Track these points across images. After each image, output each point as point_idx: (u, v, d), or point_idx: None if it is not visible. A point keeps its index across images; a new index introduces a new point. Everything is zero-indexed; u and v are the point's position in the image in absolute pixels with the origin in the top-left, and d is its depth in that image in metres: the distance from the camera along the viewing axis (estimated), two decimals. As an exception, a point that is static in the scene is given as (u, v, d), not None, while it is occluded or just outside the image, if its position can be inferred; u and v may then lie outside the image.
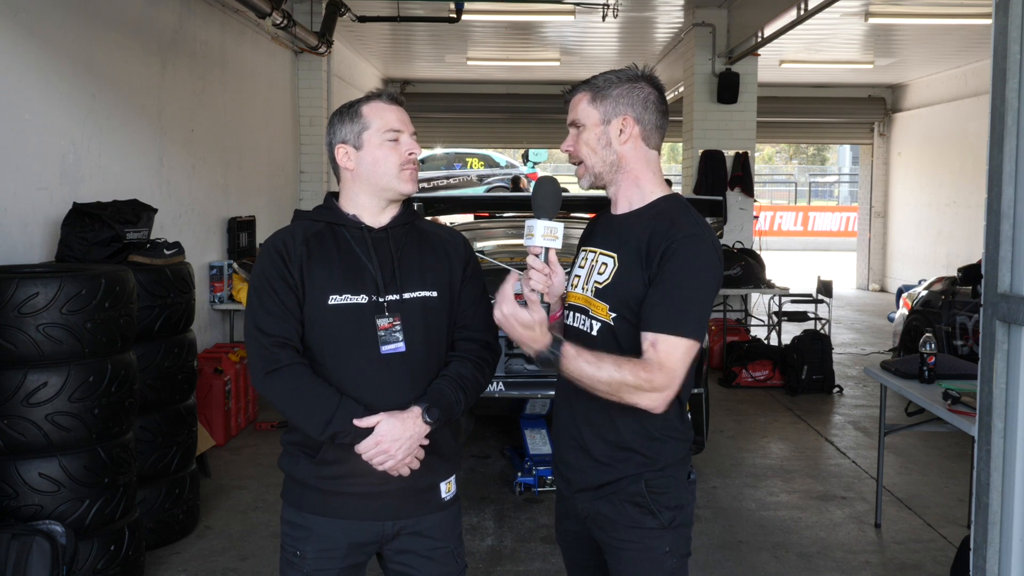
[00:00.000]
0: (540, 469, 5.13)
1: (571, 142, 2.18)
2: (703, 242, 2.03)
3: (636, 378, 1.94)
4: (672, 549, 2.12)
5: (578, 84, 2.19)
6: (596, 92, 2.13)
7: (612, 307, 2.08)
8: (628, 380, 1.94)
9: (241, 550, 4.35)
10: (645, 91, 2.14)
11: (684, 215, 2.09)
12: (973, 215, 12.71)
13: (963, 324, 6.91)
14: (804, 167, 36.24)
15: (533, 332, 1.96)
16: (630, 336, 2.04)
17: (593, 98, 2.13)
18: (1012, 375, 2.34)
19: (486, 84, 15.02)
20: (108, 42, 5.32)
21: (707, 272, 2.02)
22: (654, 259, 2.02)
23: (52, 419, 3.49)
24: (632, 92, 2.12)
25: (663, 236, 2.03)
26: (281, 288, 2.13)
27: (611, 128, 2.12)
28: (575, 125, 2.17)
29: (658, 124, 2.16)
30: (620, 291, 2.07)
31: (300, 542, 2.20)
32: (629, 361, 1.96)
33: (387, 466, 2.11)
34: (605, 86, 2.13)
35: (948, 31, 10.77)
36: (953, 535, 4.55)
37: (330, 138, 2.24)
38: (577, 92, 2.18)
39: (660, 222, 2.07)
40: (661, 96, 2.16)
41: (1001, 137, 2.32)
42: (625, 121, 2.12)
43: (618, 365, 1.95)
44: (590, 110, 2.14)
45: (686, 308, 1.99)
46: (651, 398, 1.97)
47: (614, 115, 2.12)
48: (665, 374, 1.96)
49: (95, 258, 4.34)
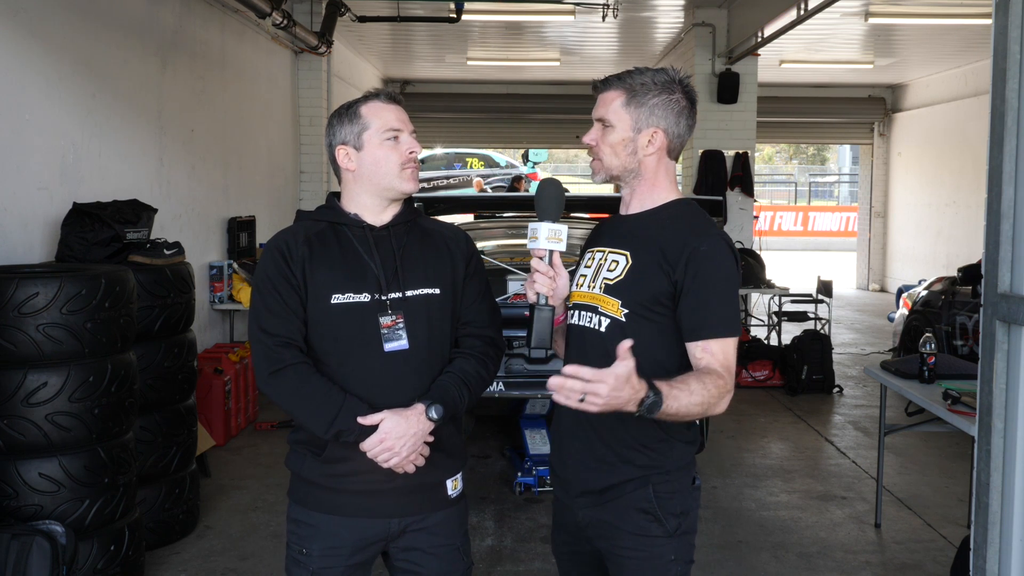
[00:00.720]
0: (540, 469, 5.13)
1: (595, 136, 2.13)
2: (723, 243, 2.04)
3: (718, 389, 1.95)
4: (677, 557, 2.09)
5: (610, 77, 2.12)
6: (632, 96, 2.07)
7: (624, 303, 2.05)
8: (714, 393, 1.94)
9: (241, 550, 4.35)
10: (681, 104, 2.09)
11: (700, 218, 2.10)
12: (973, 215, 12.71)
13: (963, 324, 6.90)
14: (804, 167, 36.24)
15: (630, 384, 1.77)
16: (641, 333, 2.01)
17: (628, 101, 2.08)
18: (1012, 375, 2.34)
19: (486, 84, 15.01)
20: (108, 42, 5.32)
21: (733, 271, 2.04)
22: (677, 264, 2.01)
23: (52, 419, 3.49)
24: (668, 104, 2.07)
25: (684, 241, 2.02)
26: (284, 288, 2.13)
27: (640, 138, 2.08)
28: (603, 122, 2.11)
29: (685, 137, 2.13)
30: (634, 288, 2.05)
31: (306, 540, 2.20)
32: (702, 375, 1.95)
33: (392, 463, 2.11)
34: (642, 92, 2.07)
35: (948, 31, 10.77)
36: (953, 535, 4.55)
37: (330, 139, 2.24)
38: (611, 88, 2.10)
39: (677, 226, 2.06)
40: (693, 107, 2.12)
41: (1001, 137, 2.32)
42: (655, 134, 2.08)
43: (701, 383, 1.93)
44: (623, 113, 2.08)
45: (725, 309, 2.01)
46: (725, 403, 1.98)
47: (646, 125, 2.07)
48: (730, 375, 1.99)
49: (95, 258, 4.34)
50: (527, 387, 4.88)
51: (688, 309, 2.01)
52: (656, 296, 2.03)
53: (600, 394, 1.73)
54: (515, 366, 4.89)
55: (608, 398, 1.74)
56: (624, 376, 1.75)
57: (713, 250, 2.01)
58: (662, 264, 2.03)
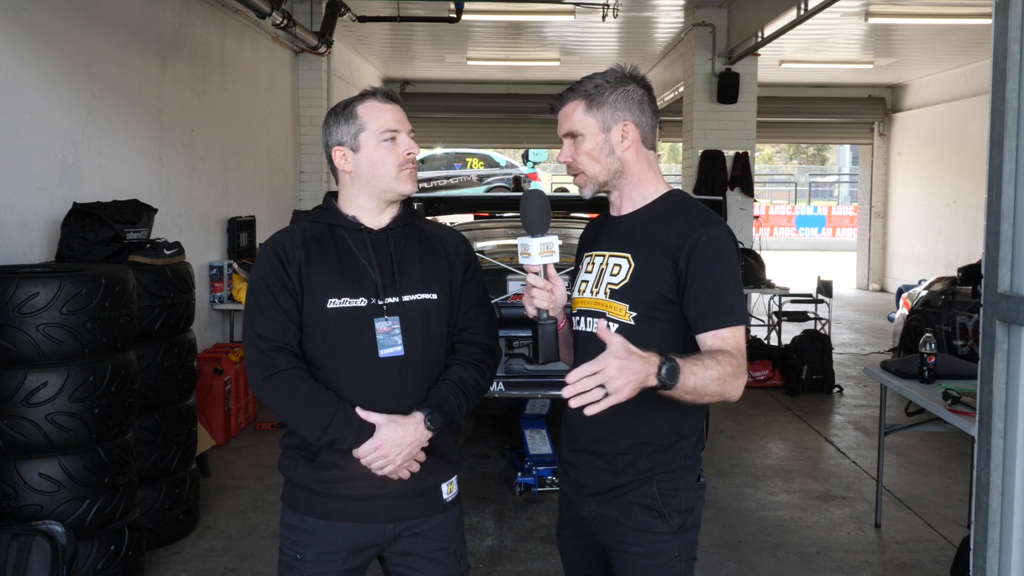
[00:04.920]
0: (540, 469, 5.13)
1: (569, 153, 2.12)
2: (722, 231, 2.04)
3: (732, 367, 1.91)
4: (681, 553, 2.09)
5: (564, 93, 2.12)
6: (590, 100, 2.08)
7: (632, 307, 2.04)
8: (728, 371, 1.90)
9: (241, 550, 4.35)
10: (638, 93, 2.10)
11: (696, 208, 2.10)
12: (973, 215, 12.70)
13: (963, 324, 6.90)
14: (804, 167, 36.25)
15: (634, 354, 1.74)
16: (652, 334, 2.00)
17: (588, 106, 2.08)
18: (1012, 375, 2.33)
19: (486, 84, 15.02)
20: (108, 42, 5.32)
21: (734, 259, 2.04)
22: (679, 256, 2.00)
23: (52, 419, 3.49)
24: (627, 96, 2.09)
25: (684, 233, 2.02)
26: (279, 292, 2.10)
27: (612, 135, 2.08)
28: (571, 135, 2.11)
29: (653, 124, 2.14)
30: (641, 290, 2.04)
31: (300, 545, 2.18)
32: (714, 354, 1.93)
33: (386, 471, 2.09)
34: (597, 93, 2.08)
35: (948, 31, 10.77)
36: (953, 535, 4.55)
37: (326, 139, 2.20)
38: (568, 101, 2.10)
39: (675, 219, 2.06)
40: (651, 95, 2.14)
41: (1001, 137, 2.32)
42: (626, 127, 2.08)
43: (715, 360, 1.90)
44: (587, 119, 2.08)
45: (731, 298, 2.00)
46: (741, 384, 1.94)
47: (613, 122, 2.08)
48: (742, 356, 1.96)
49: (95, 258, 4.34)
50: (527, 387, 4.88)
51: (694, 301, 2.00)
52: (662, 293, 2.02)
53: (613, 375, 1.69)
54: (515, 366, 4.89)
55: (623, 376, 1.70)
56: (622, 347, 1.72)
57: (714, 239, 2.01)
58: (664, 259, 2.02)
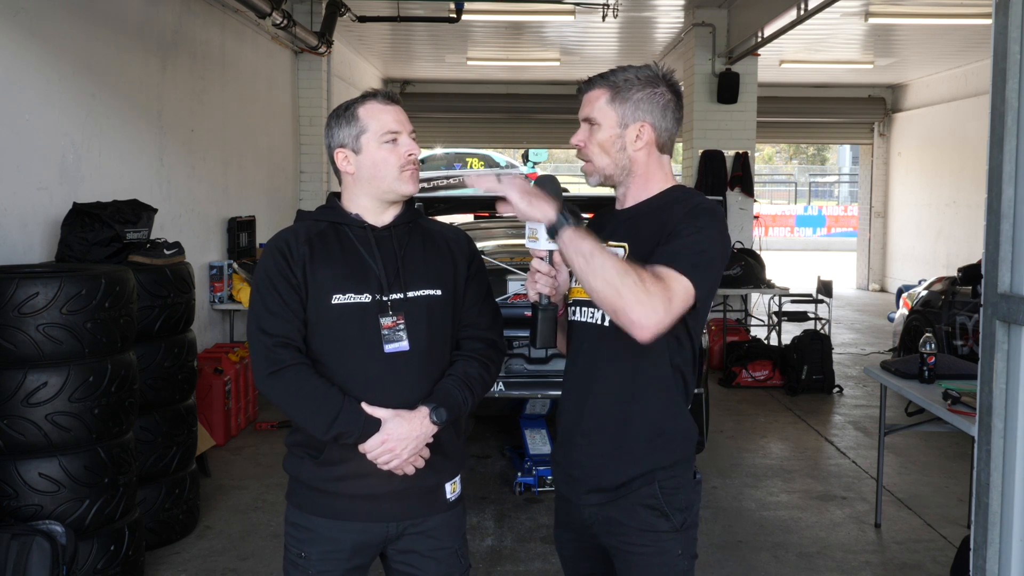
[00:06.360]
0: (540, 469, 5.13)
1: (582, 137, 2.13)
2: (716, 214, 2.03)
3: (647, 286, 1.82)
4: (683, 551, 2.10)
5: (594, 77, 2.12)
6: (616, 92, 2.08)
7: None
8: (634, 279, 1.82)
9: (241, 550, 4.35)
10: (665, 97, 2.09)
11: (695, 195, 2.10)
12: (973, 215, 12.70)
13: (963, 324, 6.90)
14: (804, 167, 36.24)
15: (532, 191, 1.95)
16: None
17: (612, 98, 2.08)
18: (1012, 375, 2.33)
19: (486, 84, 15.01)
20: (108, 42, 5.32)
21: (717, 234, 1.99)
22: (669, 228, 1.99)
23: (52, 419, 3.49)
24: (653, 97, 2.08)
25: (679, 211, 2.01)
26: (284, 288, 2.12)
27: (628, 133, 2.08)
28: (589, 121, 2.11)
29: (673, 130, 2.13)
30: None
31: (304, 544, 2.19)
32: (636, 266, 1.87)
33: (392, 465, 2.11)
34: (625, 87, 2.07)
35: (948, 31, 10.77)
36: (953, 535, 4.55)
37: (328, 141, 2.23)
38: (595, 87, 2.10)
39: (675, 206, 2.05)
40: (679, 101, 2.13)
41: (1001, 137, 2.32)
42: (643, 128, 2.08)
43: (635, 266, 1.85)
44: (608, 110, 2.08)
45: (696, 257, 1.92)
46: (645, 313, 1.81)
47: (632, 120, 2.07)
48: (665, 296, 1.84)
49: (95, 258, 4.34)
50: (527, 387, 4.88)
51: (660, 252, 1.95)
52: None
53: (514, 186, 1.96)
54: (515, 366, 4.89)
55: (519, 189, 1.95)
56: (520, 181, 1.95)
57: (703, 213, 2.00)
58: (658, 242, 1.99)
